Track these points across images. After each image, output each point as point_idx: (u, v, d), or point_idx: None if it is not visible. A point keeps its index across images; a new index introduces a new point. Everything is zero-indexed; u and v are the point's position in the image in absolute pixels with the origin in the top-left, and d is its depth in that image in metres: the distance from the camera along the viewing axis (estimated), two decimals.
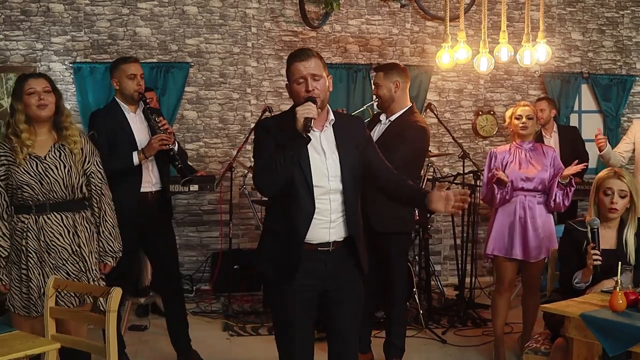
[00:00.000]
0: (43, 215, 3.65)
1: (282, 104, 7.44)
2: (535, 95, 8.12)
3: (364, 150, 3.41)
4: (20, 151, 3.62)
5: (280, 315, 3.40)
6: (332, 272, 3.32)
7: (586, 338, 3.34)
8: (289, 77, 3.32)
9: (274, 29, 7.47)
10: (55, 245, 3.65)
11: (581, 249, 4.00)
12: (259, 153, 3.32)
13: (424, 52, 7.85)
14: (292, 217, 3.23)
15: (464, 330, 6.07)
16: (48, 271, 3.63)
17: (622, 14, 8.23)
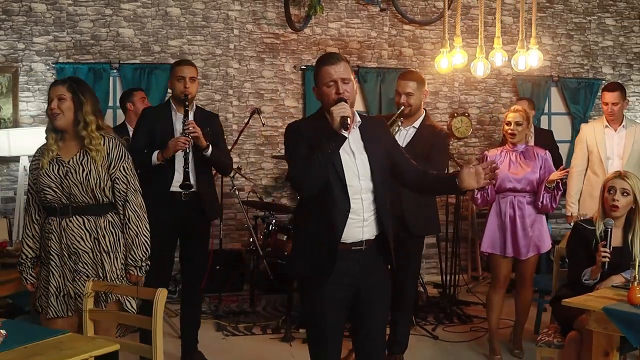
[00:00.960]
0: (65, 218, 3.64)
1: (263, 105, 7.51)
2: (507, 97, 8.37)
3: (390, 151, 3.51)
4: (47, 154, 3.64)
5: (315, 314, 3.45)
6: (364, 271, 3.40)
7: (606, 330, 3.49)
8: (318, 80, 3.39)
9: (256, 31, 7.52)
10: (76, 248, 3.63)
11: (589, 247, 4.18)
12: (293, 154, 3.37)
13: (401, 55, 8.00)
14: (328, 216, 3.29)
15: (451, 327, 6.22)
16: (67, 274, 3.62)
17: (589, 19, 8.53)
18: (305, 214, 3.49)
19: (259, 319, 6.35)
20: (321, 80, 3.37)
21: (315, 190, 3.30)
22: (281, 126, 7.56)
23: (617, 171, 4.39)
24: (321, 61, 3.41)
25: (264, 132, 7.51)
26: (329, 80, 3.32)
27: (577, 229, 4.32)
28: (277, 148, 7.67)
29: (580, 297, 3.69)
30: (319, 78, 3.39)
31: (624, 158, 5.81)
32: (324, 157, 3.22)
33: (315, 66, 3.46)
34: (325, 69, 3.34)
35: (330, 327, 3.42)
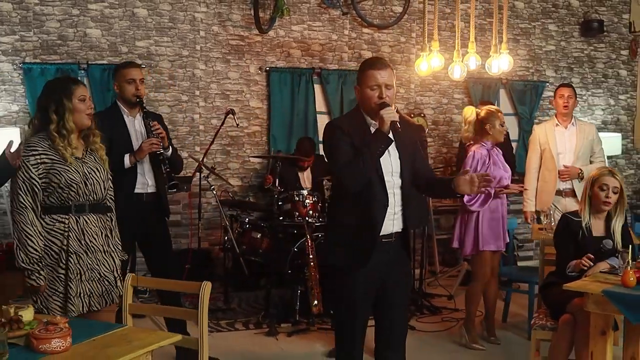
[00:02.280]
0: (83, 215, 3.68)
1: (229, 106, 7.57)
2: (459, 99, 8.73)
3: (415, 154, 3.73)
4: (66, 150, 3.63)
5: (346, 301, 3.63)
6: (391, 263, 3.62)
7: (604, 311, 3.81)
8: (363, 81, 3.56)
9: (222, 33, 7.62)
10: (93, 245, 3.69)
11: (576, 237, 4.50)
12: (338, 151, 3.52)
13: (361, 58, 8.21)
14: (367, 209, 3.50)
15: (423, 318, 6.48)
16: (85, 271, 3.66)
17: (534, 25, 8.97)
18: (343, 207, 3.64)
19: (237, 315, 6.45)
20: (366, 82, 3.54)
21: (361, 186, 3.48)
22: (246, 127, 7.69)
23: (604, 167, 4.73)
24: (368, 64, 3.59)
25: (230, 133, 7.62)
26: (374, 84, 3.51)
27: (565, 221, 4.63)
28: (243, 148, 7.80)
29: (578, 282, 3.99)
30: (363, 80, 3.56)
31: (576, 152, 6.19)
32: (372, 157, 3.42)
33: (361, 67, 3.63)
34: (372, 72, 3.52)
35: (360, 314, 3.63)
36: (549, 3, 9.05)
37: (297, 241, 6.45)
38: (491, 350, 5.61)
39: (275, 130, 7.85)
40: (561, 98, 6.25)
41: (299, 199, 6.51)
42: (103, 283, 3.71)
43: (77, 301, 3.62)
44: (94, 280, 3.67)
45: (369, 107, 3.56)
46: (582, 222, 4.52)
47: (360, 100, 3.63)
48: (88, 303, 3.67)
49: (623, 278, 3.77)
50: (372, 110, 3.54)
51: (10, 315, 2.86)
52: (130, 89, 4.96)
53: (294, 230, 6.62)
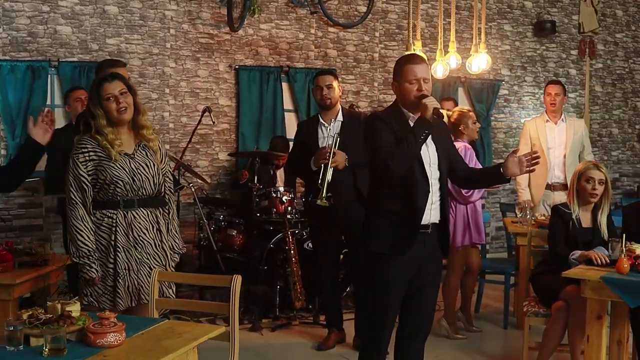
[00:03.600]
0: (131, 210, 3.72)
1: (198, 104, 7.64)
2: None
3: (449, 148, 3.85)
4: (112, 147, 3.66)
5: (383, 287, 3.70)
6: (427, 252, 3.72)
7: (600, 297, 4.04)
8: (400, 76, 3.66)
9: (192, 31, 7.64)
10: (143, 240, 3.73)
11: (567, 227, 4.73)
12: (381, 138, 3.60)
13: (326, 56, 8.36)
14: (410, 196, 3.61)
15: None
16: (134, 265, 3.71)
17: (490, 25, 9.25)
18: (386, 194, 3.70)
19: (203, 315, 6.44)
20: (404, 76, 3.63)
21: (405, 170, 3.57)
22: (215, 125, 7.71)
23: (589, 162, 4.98)
24: (405, 60, 3.71)
25: (199, 131, 7.62)
26: (413, 78, 3.60)
27: (558, 212, 4.85)
28: (212, 146, 7.84)
29: (574, 270, 4.20)
30: (402, 74, 3.65)
31: (567, 148, 6.45)
32: (416, 142, 3.51)
33: (398, 63, 3.72)
34: (410, 67, 3.62)
35: (394, 302, 3.71)
36: (504, 4, 9.36)
37: (273, 237, 6.54)
38: (472, 338, 5.81)
39: (244, 128, 7.91)
40: (549, 96, 6.53)
41: (276, 196, 6.60)
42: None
43: (125, 295, 3.68)
44: (144, 274, 3.71)
45: (408, 100, 3.64)
46: (573, 214, 4.75)
47: (398, 95, 3.72)
48: (137, 297, 3.70)
49: (617, 265, 4.00)
50: (411, 103, 3.63)
51: (58, 311, 2.89)
52: None
53: (270, 226, 6.70)
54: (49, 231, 6.94)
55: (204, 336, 2.89)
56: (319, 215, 5.29)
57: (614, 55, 9.93)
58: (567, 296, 4.47)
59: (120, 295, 3.68)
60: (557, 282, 4.54)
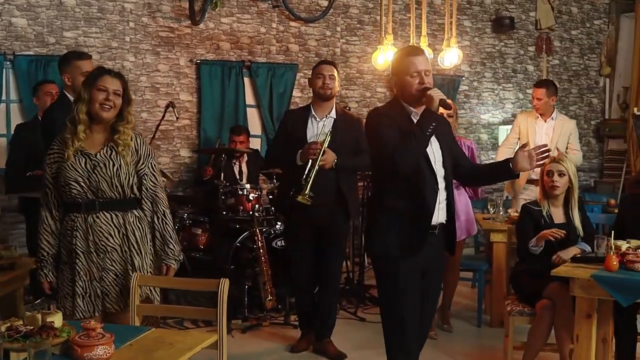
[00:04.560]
0: (92, 214, 3.53)
1: (159, 100, 7.45)
2: (382, 92, 8.87)
3: (451, 144, 3.73)
4: (71, 145, 3.48)
5: (396, 290, 3.57)
6: (432, 255, 3.61)
7: (590, 295, 3.99)
8: (401, 69, 3.54)
9: (151, 24, 7.42)
10: (105, 245, 3.54)
11: (538, 225, 4.70)
12: (386, 135, 3.46)
13: (288, 51, 8.22)
14: (419, 194, 3.49)
15: (368, 309, 6.55)
16: (95, 272, 3.52)
17: (450, 21, 9.20)
18: (392, 193, 3.56)
19: None
20: (405, 70, 3.51)
21: (413, 166, 3.45)
22: (176, 120, 7.50)
23: (552, 157, 4.96)
24: (405, 52, 3.59)
25: (160, 127, 7.40)
26: (414, 71, 3.48)
27: (526, 211, 4.82)
28: (173, 142, 7.64)
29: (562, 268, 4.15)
30: (401, 68, 3.53)
31: (553, 145, 6.46)
32: (424, 136, 3.39)
33: (397, 57, 3.61)
34: (410, 60, 3.50)
35: (410, 303, 3.59)
36: (464, 0, 9.34)
37: (240, 236, 6.39)
38: (448, 337, 5.75)
39: (206, 124, 7.73)
40: (533, 99, 6.65)
41: (243, 193, 6.45)
42: (122, 285, 3.56)
43: (83, 303, 3.50)
44: (109, 282, 3.53)
45: (409, 94, 3.52)
46: (543, 211, 4.73)
47: (399, 90, 3.59)
48: (101, 305, 3.53)
49: (606, 263, 3.96)
50: (412, 97, 3.52)
51: (39, 322, 2.70)
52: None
53: (236, 225, 6.54)
54: (5, 231, 6.65)
55: (197, 346, 2.75)
56: (298, 212, 5.10)
57: (569, 52, 10.01)
58: (551, 294, 4.43)
59: (77, 303, 3.50)
60: (540, 280, 4.51)
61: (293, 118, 5.32)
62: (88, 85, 3.50)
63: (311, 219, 5.10)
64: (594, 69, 10.07)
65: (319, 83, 5.16)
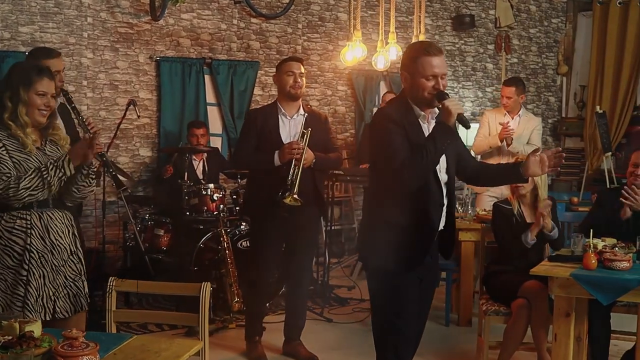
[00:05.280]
0: (46, 211, 3.41)
1: (118, 97, 7.26)
2: (343, 90, 8.81)
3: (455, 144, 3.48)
4: (26, 139, 3.36)
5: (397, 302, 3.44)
6: (428, 263, 3.52)
7: (569, 294, 3.98)
8: (415, 68, 3.26)
9: (110, 20, 7.22)
10: (60, 244, 3.43)
11: (510, 223, 4.69)
12: (394, 145, 3.24)
13: (249, 48, 8.10)
14: (424, 208, 3.32)
15: (335, 309, 6.49)
16: (49, 273, 3.39)
17: (411, 18, 9.19)
18: (395, 206, 3.36)
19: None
20: (420, 70, 3.24)
21: (421, 182, 3.27)
22: (135, 119, 7.31)
23: (515, 156, 4.96)
24: (422, 50, 3.28)
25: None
26: (430, 74, 3.23)
27: (499, 210, 4.80)
28: (133, 142, 7.45)
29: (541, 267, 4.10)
30: (416, 67, 3.26)
31: (516, 140, 6.47)
32: (437, 153, 3.19)
33: (411, 53, 3.34)
34: (428, 60, 3.23)
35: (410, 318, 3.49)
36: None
37: (203, 237, 6.26)
38: None
39: (166, 122, 7.56)
40: (502, 97, 6.66)
41: (207, 193, 6.33)
42: (70, 287, 3.45)
43: (37, 307, 3.34)
44: (60, 284, 3.41)
45: (420, 96, 3.29)
46: (514, 210, 4.72)
47: (409, 88, 3.35)
48: (52, 309, 3.39)
49: (585, 262, 3.94)
50: (423, 100, 3.30)
51: (17, 331, 2.56)
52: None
53: (199, 225, 6.42)
54: None
55: (185, 354, 2.63)
56: (272, 212, 4.92)
57: (528, 50, 10.08)
58: (527, 293, 4.42)
59: (30, 308, 3.33)
60: (515, 279, 4.50)
61: (262, 117, 5.07)
62: (27, 86, 3.37)
63: (288, 218, 4.95)
64: (551, 67, 10.17)
65: (289, 81, 4.96)
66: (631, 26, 8.86)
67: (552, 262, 4.17)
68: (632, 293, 3.81)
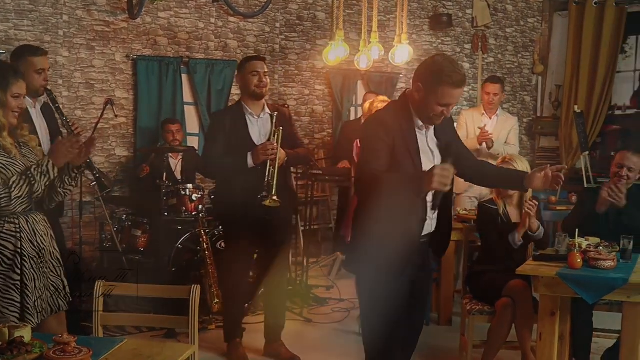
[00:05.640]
0: (31, 214, 3.38)
1: (94, 97, 7.17)
2: (320, 90, 8.78)
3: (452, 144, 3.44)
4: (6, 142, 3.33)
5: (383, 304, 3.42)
6: (422, 262, 3.54)
7: (554, 293, 3.99)
8: (434, 91, 3.22)
9: (86, 18, 7.12)
10: (45, 247, 3.43)
11: (496, 223, 4.70)
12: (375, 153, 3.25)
13: (227, 47, 8.05)
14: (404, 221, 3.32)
15: (313, 309, 6.46)
16: (39, 275, 3.38)
17: (389, 17, 9.21)
18: (378, 215, 3.34)
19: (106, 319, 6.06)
20: (439, 96, 3.22)
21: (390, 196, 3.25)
22: (112, 118, 7.23)
23: (502, 157, 4.96)
24: (449, 80, 3.21)
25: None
26: (446, 103, 3.26)
27: (483, 210, 4.81)
28: (109, 141, 7.37)
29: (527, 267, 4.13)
30: (436, 91, 3.22)
31: (494, 140, 6.49)
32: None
33: (437, 75, 3.23)
34: (450, 92, 3.22)
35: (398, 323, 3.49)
36: None
37: (181, 237, 6.21)
38: None
39: (142, 122, 7.48)
40: (487, 95, 6.59)
41: (185, 194, 6.28)
42: (50, 289, 3.44)
43: (34, 311, 3.32)
44: (45, 287, 3.40)
45: (424, 115, 3.31)
46: (499, 210, 4.72)
47: (416, 100, 3.32)
48: (38, 312, 3.37)
49: (570, 261, 3.96)
50: (426, 117, 3.32)
51: (6, 336, 2.50)
52: (38, 79, 4.58)
53: (178, 226, 6.36)
54: None
55: (178, 358, 2.59)
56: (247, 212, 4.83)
57: (504, 50, 10.12)
58: (511, 292, 4.42)
59: (30, 311, 3.31)
60: (499, 278, 4.51)
61: (229, 119, 4.97)
62: (3, 89, 3.33)
63: (263, 219, 4.89)
64: (527, 67, 10.22)
65: (254, 81, 4.88)
66: (607, 26, 8.93)
67: (537, 262, 4.19)
68: (617, 292, 3.84)
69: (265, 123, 4.92)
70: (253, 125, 4.92)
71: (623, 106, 9.39)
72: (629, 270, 3.95)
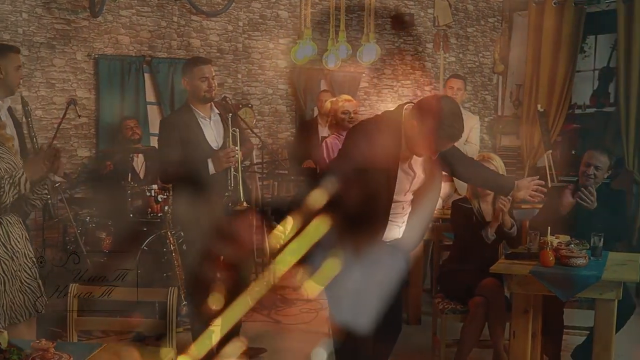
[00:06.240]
0: (5, 217, 3.30)
1: (54, 96, 7.04)
2: (283, 89, 8.73)
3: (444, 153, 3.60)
4: None
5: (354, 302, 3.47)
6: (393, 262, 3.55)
7: (527, 292, 4.02)
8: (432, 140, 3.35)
9: (46, 16, 6.98)
10: (18, 249, 3.37)
11: (470, 220, 4.72)
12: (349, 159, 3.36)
13: (190, 46, 7.96)
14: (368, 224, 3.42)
15: (281, 311, 6.43)
16: (9, 279, 3.31)
17: (351, 17, 9.17)
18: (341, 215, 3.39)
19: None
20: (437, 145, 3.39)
21: None
22: (73, 118, 7.09)
23: (481, 154, 4.98)
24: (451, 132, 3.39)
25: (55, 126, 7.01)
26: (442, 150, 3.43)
27: (458, 208, 4.82)
28: (70, 142, 7.23)
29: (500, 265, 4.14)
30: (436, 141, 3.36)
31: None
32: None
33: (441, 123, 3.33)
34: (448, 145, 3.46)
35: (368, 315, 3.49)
36: None
37: (146, 239, 6.12)
38: None
39: (105, 122, 7.36)
40: (450, 90, 6.57)
41: (151, 195, 6.19)
42: (24, 292, 3.35)
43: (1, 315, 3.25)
44: (16, 290, 3.32)
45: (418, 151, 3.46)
46: (474, 208, 4.74)
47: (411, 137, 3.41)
48: (9, 315, 3.29)
49: (542, 259, 3.99)
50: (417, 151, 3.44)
51: None
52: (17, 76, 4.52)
53: (143, 227, 6.26)
54: None
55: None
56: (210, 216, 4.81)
57: (465, 49, 10.18)
58: (484, 291, 4.44)
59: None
60: (472, 277, 4.52)
61: (182, 124, 4.78)
62: None
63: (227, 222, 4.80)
64: (488, 66, 10.30)
65: (203, 87, 4.74)
66: (566, 26, 9.02)
67: (509, 260, 4.21)
68: (589, 289, 3.88)
69: (216, 124, 4.83)
70: (207, 128, 4.79)
71: (583, 105, 9.51)
72: (601, 267, 4.00)
